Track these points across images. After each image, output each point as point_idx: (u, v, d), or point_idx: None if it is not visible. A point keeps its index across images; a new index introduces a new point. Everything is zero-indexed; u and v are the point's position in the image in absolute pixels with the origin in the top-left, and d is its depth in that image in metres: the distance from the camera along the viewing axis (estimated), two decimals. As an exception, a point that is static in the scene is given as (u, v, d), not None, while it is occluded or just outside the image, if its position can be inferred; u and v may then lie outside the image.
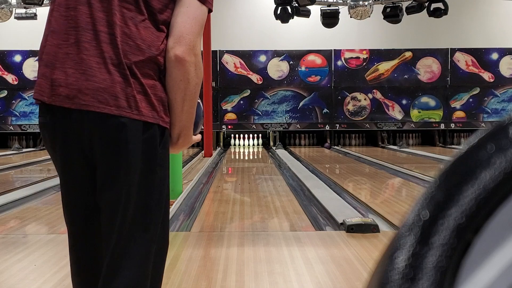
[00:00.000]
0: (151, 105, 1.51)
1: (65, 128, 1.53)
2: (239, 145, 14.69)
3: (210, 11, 1.60)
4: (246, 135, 14.73)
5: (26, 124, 14.24)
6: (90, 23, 1.51)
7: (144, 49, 1.51)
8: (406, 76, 14.51)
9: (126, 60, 1.49)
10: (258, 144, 14.68)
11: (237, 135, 14.74)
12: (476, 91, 14.56)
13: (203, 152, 11.58)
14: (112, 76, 1.48)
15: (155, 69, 1.53)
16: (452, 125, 14.53)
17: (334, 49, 14.53)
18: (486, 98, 14.56)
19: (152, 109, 1.52)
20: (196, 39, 1.54)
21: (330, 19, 12.92)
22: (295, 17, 12.44)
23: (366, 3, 12.50)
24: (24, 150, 13.56)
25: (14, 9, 13.23)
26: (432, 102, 14.56)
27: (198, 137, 1.75)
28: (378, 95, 14.52)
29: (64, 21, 1.54)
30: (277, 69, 14.42)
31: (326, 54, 14.55)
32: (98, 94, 1.47)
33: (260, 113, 14.43)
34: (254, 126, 14.46)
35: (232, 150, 14.04)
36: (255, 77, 14.40)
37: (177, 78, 1.53)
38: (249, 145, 14.70)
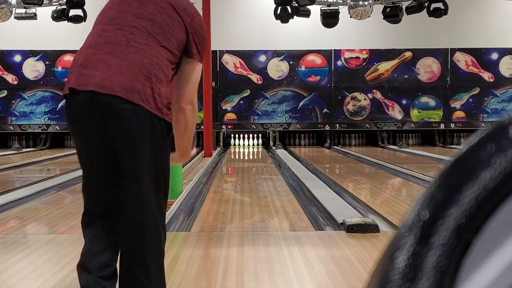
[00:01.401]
0: (160, 104, 2.07)
1: (93, 109, 2.04)
2: (239, 145, 14.68)
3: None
4: (246, 135, 14.71)
5: (26, 124, 14.23)
6: (123, 41, 2.10)
7: (161, 65, 2.10)
8: (406, 76, 14.50)
9: (147, 69, 2.05)
10: (258, 144, 14.67)
11: (237, 135, 14.73)
12: (476, 91, 14.55)
13: (203, 152, 11.58)
14: (137, 76, 2.04)
15: (165, 80, 2.10)
16: (452, 125, 14.52)
17: (334, 49, 14.52)
18: (486, 98, 14.55)
19: (160, 108, 2.08)
20: (193, 94, 2.22)
21: (330, 19, 12.92)
22: (295, 17, 12.44)
23: (366, 3, 12.50)
24: (24, 150, 13.55)
25: (14, 9, 13.21)
26: (432, 102, 14.55)
27: (193, 151, 2.42)
28: (378, 95, 14.51)
29: (100, 38, 2.13)
30: (277, 69, 14.42)
31: (326, 54, 14.54)
32: (125, 87, 2.02)
33: (260, 113, 14.43)
34: (254, 126, 14.45)
35: (232, 150, 14.03)
36: (255, 77, 14.39)
37: (180, 120, 2.21)
38: (249, 145, 14.69)
